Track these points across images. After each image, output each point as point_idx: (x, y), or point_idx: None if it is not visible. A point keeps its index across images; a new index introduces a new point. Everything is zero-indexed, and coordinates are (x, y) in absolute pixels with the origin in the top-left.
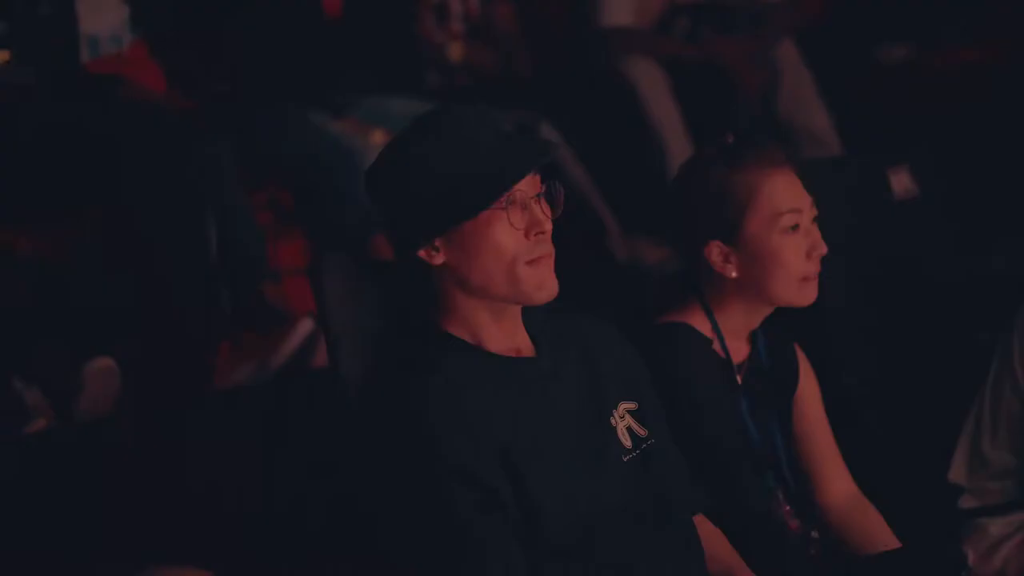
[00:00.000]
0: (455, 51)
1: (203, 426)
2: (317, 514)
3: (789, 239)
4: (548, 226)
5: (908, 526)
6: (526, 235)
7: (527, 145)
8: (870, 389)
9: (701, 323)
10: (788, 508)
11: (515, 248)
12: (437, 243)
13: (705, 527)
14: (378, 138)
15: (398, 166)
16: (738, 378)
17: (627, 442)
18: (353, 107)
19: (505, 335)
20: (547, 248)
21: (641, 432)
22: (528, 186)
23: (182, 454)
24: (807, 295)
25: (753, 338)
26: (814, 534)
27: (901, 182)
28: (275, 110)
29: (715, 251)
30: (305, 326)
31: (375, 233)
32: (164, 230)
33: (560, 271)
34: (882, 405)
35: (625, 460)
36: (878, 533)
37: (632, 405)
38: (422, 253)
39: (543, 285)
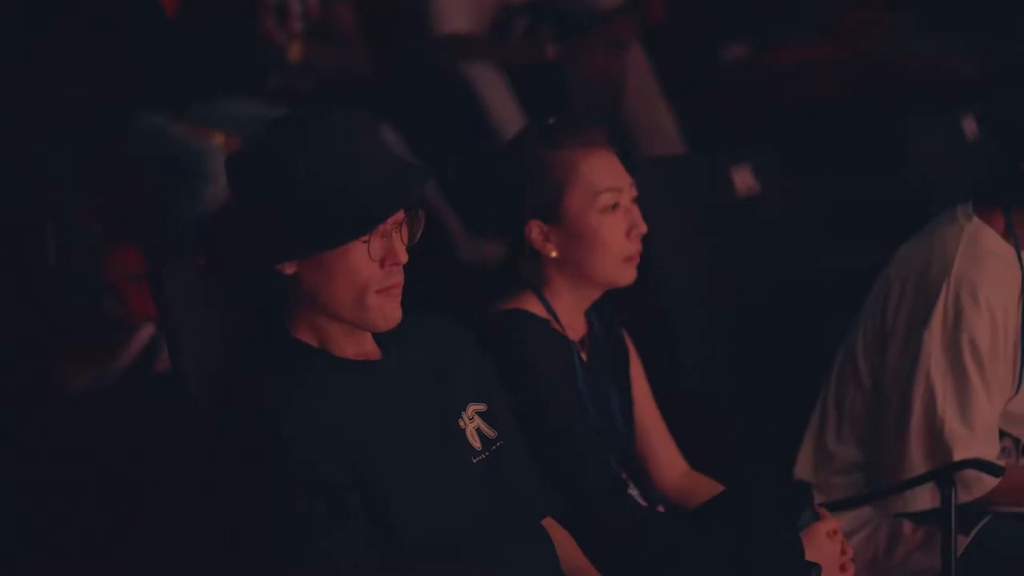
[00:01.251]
0: (295, 51)
1: (44, 430)
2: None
3: (608, 218)
4: (404, 257)
5: (758, 525)
6: (381, 265)
7: (402, 173)
8: (714, 387)
9: (535, 306)
10: (632, 486)
11: (368, 277)
12: None
13: (556, 531)
14: (218, 141)
15: (267, 178)
16: (583, 354)
17: (477, 444)
18: (193, 109)
19: (352, 339)
20: (398, 278)
21: (491, 433)
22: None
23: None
24: (627, 274)
25: (588, 318)
26: (659, 508)
27: (744, 180)
28: (116, 112)
29: (535, 230)
30: (146, 331)
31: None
32: (2, 234)
33: (405, 273)
34: (728, 403)
35: (475, 462)
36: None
37: (481, 407)
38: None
39: (388, 315)
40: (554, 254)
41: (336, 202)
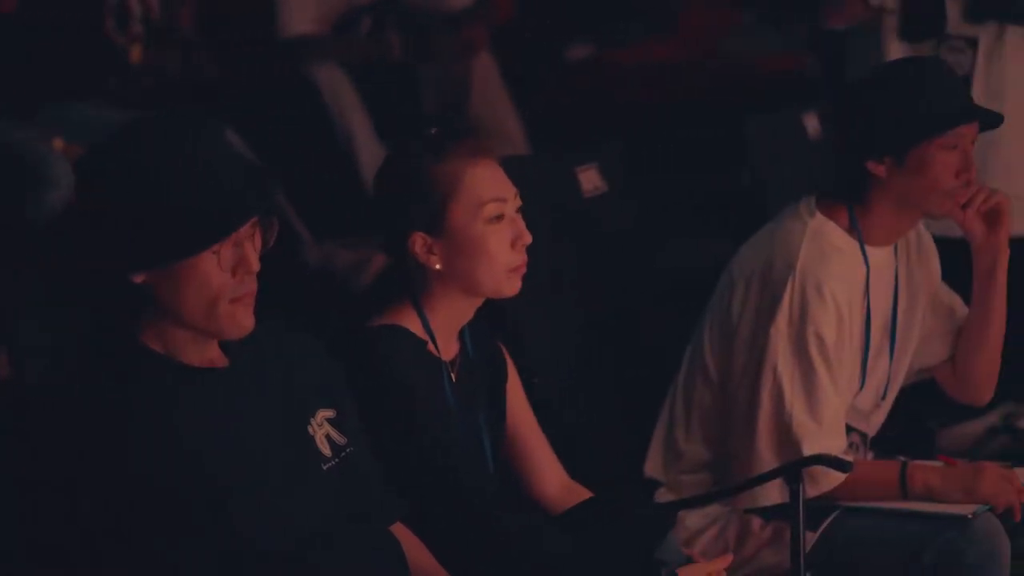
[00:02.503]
0: (135, 53)
1: None
2: None
3: (493, 229)
4: (256, 266)
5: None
6: (233, 273)
7: (252, 179)
8: (567, 388)
9: (413, 323)
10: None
11: (219, 286)
12: None
13: (406, 537)
14: (59, 145)
15: (114, 187)
16: (452, 375)
17: (326, 450)
18: (33, 113)
19: (198, 347)
20: (251, 286)
21: (340, 440)
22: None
23: None
24: (512, 285)
25: (462, 334)
26: None
27: (590, 180)
28: None
29: (419, 243)
30: None
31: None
32: None
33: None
34: (580, 403)
35: (325, 468)
36: None
37: (330, 413)
38: None
39: (240, 324)
40: (438, 266)
41: (186, 211)
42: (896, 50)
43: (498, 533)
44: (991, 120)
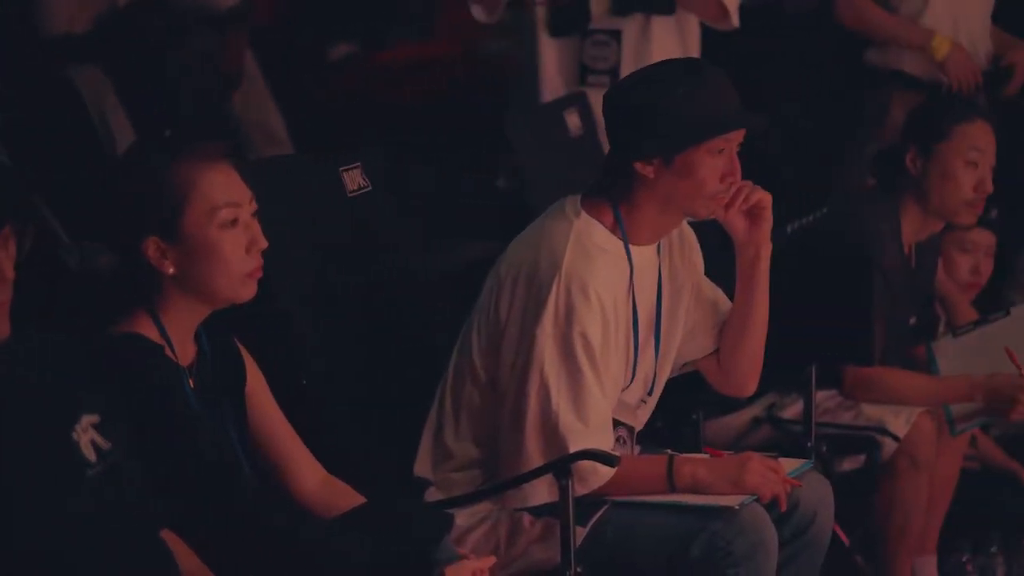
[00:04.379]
0: None
1: None
2: None
3: (228, 234)
4: (11, 273)
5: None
6: None
7: (5, 184)
8: (337, 388)
9: (149, 329)
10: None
11: None
12: None
13: (174, 542)
14: None
15: None
16: (191, 381)
17: (91, 456)
18: None
19: None
20: (4, 295)
21: (105, 445)
22: None
23: None
24: (248, 290)
25: (198, 336)
26: None
27: (354, 179)
28: None
29: (152, 247)
30: None
31: None
32: None
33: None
34: (350, 403)
35: (91, 474)
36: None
37: (95, 418)
38: None
39: None
40: (172, 271)
41: None
42: (547, 44)
43: (261, 532)
44: (760, 126)
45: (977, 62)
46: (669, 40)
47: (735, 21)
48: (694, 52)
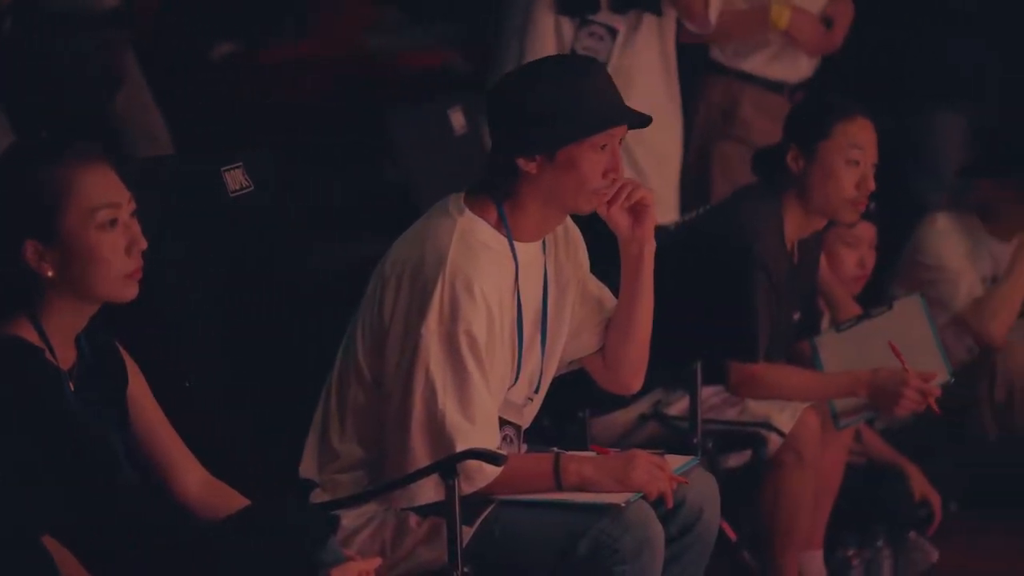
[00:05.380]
0: None
1: None
2: None
3: (107, 235)
4: None
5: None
6: None
7: None
8: (222, 390)
9: (29, 332)
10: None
11: None
12: None
13: (56, 549)
14: None
15: None
16: (71, 384)
17: None
18: None
19: None
20: None
21: None
22: None
23: None
24: (128, 291)
25: (78, 340)
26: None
27: (236, 180)
28: None
29: (30, 250)
30: None
31: None
32: None
33: None
34: (232, 405)
35: None
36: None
37: None
38: None
39: None
40: (51, 274)
41: None
42: (542, 24)
43: (142, 534)
44: (641, 121)
45: None
46: (652, 40)
47: (713, 21)
48: (671, 53)
